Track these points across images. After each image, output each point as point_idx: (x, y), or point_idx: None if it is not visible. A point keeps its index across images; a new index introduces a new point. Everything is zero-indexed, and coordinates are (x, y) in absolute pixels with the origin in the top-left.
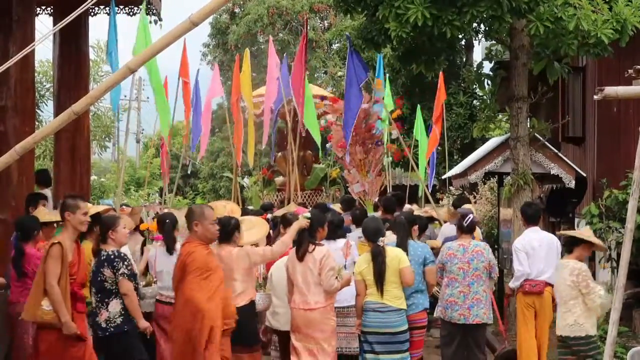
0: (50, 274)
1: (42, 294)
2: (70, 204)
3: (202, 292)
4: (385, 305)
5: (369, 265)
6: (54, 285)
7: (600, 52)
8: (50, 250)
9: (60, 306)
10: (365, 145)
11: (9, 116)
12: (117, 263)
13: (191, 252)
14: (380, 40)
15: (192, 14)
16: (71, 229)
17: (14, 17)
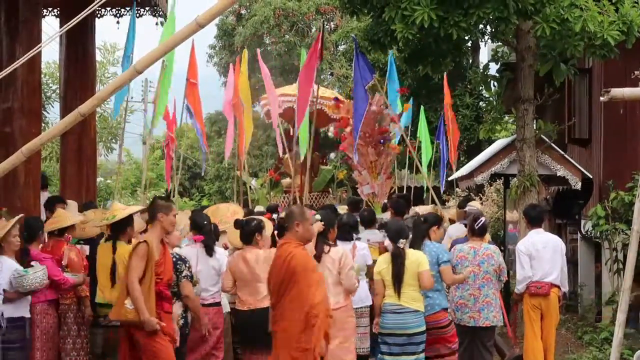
0: (133, 272)
1: (127, 292)
2: (163, 205)
3: (311, 292)
4: (402, 306)
5: (388, 266)
6: (135, 282)
7: (607, 54)
8: (137, 248)
9: (140, 303)
10: (377, 147)
11: (16, 117)
12: (180, 265)
13: (293, 254)
14: (387, 41)
15: (198, 15)
16: (160, 229)
17: (20, 19)
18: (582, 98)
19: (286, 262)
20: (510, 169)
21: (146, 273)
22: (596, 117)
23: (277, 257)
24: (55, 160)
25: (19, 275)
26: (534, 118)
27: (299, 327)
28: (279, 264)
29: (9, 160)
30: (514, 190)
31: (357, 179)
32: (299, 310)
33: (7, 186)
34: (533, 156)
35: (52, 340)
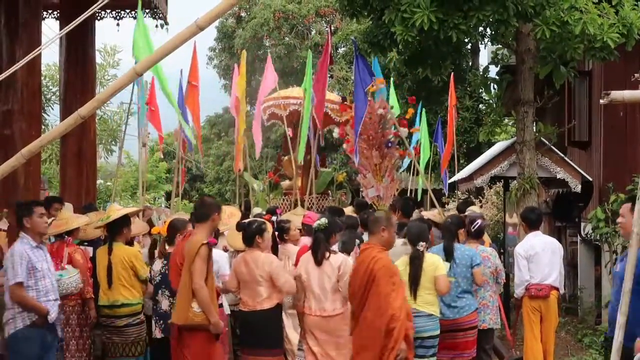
0: (199, 275)
1: (191, 295)
2: (216, 204)
3: (395, 298)
4: (417, 310)
5: (405, 268)
6: (203, 286)
7: (607, 56)
8: (200, 250)
9: (209, 306)
10: (382, 150)
11: (16, 120)
12: None
13: (377, 258)
14: (386, 44)
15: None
16: (212, 229)
17: (20, 21)
18: (582, 101)
19: (369, 267)
20: (510, 171)
21: (208, 275)
22: (596, 120)
23: (360, 262)
24: (55, 162)
25: (57, 279)
26: (534, 120)
27: (381, 332)
28: (362, 268)
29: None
30: (514, 192)
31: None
32: (381, 315)
33: (7, 188)
34: (533, 159)
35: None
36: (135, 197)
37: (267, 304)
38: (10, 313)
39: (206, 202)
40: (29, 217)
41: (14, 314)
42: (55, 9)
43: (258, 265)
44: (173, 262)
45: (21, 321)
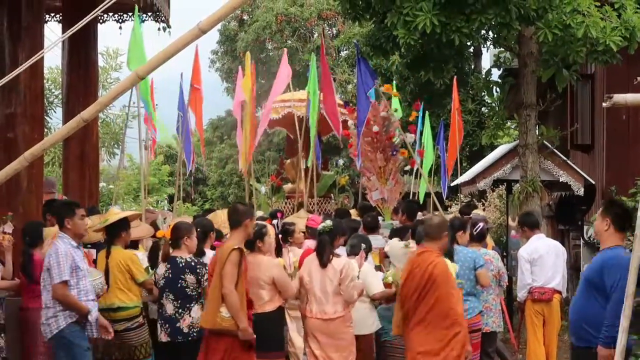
0: (229, 279)
1: (221, 300)
2: (248, 210)
3: (453, 301)
4: None
5: None
6: (233, 290)
7: (609, 60)
8: (231, 255)
9: (238, 312)
10: (386, 153)
11: (19, 123)
12: (201, 269)
13: (436, 262)
14: (389, 47)
15: (200, 21)
16: (246, 235)
17: (23, 25)
18: (585, 104)
19: (428, 271)
20: (513, 174)
21: (239, 280)
22: (599, 123)
23: (416, 265)
24: (58, 165)
25: None
26: (537, 124)
27: (439, 335)
28: (418, 271)
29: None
30: (517, 196)
31: (365, 185)
32: (443, 319)
33: (10, 192)
34: (535, 162)
35: None
36: (138, 200)
37: (268, 306)
38: (52, 312)
39: (238, 208)
40: (71, 218)
41: (56, 312)
42: (58, 12)
43: (261, 269)
44: (211, 268)
45: (64, 319)
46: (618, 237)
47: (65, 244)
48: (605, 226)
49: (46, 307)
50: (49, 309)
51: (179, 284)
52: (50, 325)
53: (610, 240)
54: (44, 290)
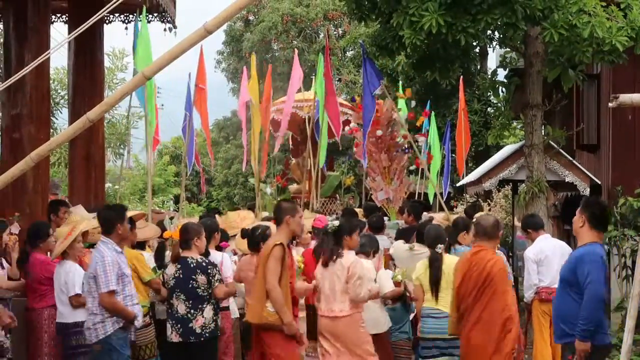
0: (272, 275)
1: (265, 295)
2: (289, 207)
3: (508, 299)
4: (440, 311)
5: (426, 271)
6: (276, 286)
7: (615, 60)
8: (273, 251)
9: (282, 307)
10: (390, 153)
11: (24, 123)
12: (211, 270)
13: (495, 260)
14: (395, 47)
15: (206, 21)
16: (288, 231)
17: (29, 25)
18: (591, 104)
19: (486, 269)
20: (519, 174)
21: (282, 276)
22: (605, 123)
23: (474, 264)
24: (64, 166)
25: None
26: (543, 124)
27: (496, 332)
28: (476, 270)
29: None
30: (523, 196)
31: (370, 185)
32: (499, 315)
33: (16, 192)
34: (541, 162)
35: (59, 345)
36: (143, 200)
37: None
38: (99, 317)
39: (281, 206)
40: (121, 224)
41: (104, 318)
42: (64, 13)
43: None
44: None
45: (111, 325)
46: (593, 234)
47: (110, 250)
48: (581, 223)
49: (92, 313)
50: (95, 315)
51: (190, 284)
52: (97, 330)
53: (586, 237)
54: (89, 296)
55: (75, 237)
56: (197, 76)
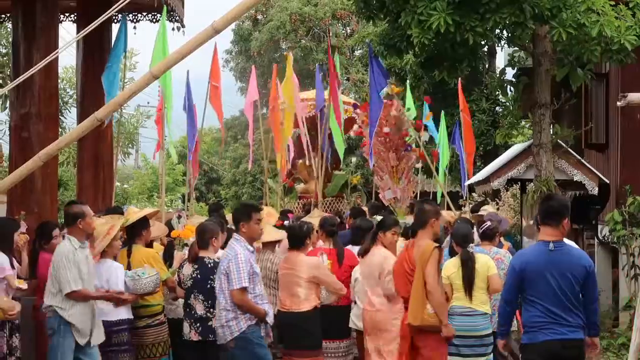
0: (432, 277)
1: (425, 297)
2: (433, 210)
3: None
4: (473, 309)
5: (458, 270)
6: (437, 288)
7: (624, 59)
8: (433, 253)
9: (443, 309)
10: (398, 152)
11: (33, 122)
12: None
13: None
14: (403, 46)
15: (214, 20)
16: (433, 234)
17: (37, 25)
18: (599, 103)
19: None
20: (527, 174)
21: (438, 277)
22: (613, 122)
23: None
24: (73, 165)
25: (138, 278)
26: (551, 123)
27: None
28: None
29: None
30: (531, 195)
31: (378, 184)
32: None
33: (24, 191)
34: (550, 161)
35: None
36: (152, 199)
37: (304, 305)
38: (231, 314)
39: (424, 209)
40: (247, 223)
41: (236, 315)
42: (73, 12)
43: (301, 267)
44: (399, 268)
45: (244, 322)
46: (546, 232)
47: (243, 248)
48: (535, 225)
49: (224, 309)
50: (228, 312)
51: (208, 284)
52: (230, 327)
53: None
54: (220, 293)
55: (114, 235)
56: (210, 74)
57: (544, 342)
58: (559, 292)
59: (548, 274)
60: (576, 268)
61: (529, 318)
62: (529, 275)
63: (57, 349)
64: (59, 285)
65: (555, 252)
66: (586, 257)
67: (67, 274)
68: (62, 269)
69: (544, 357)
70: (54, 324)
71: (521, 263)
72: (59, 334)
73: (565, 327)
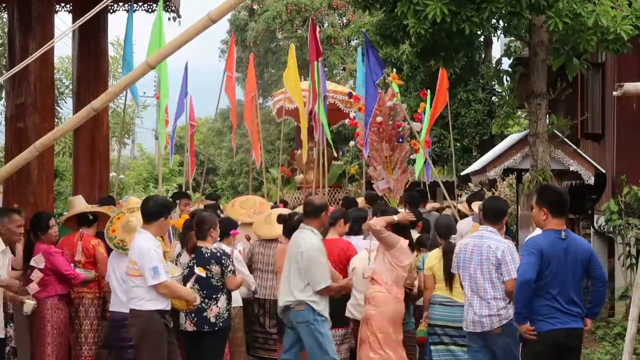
0: None
1: None
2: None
3: None
4: (452, 300)
5: (439, 262)
6: None
7: (620, 48)
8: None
9: None
10: (392, 143)
11: (29, 113)
12: (225, 260)
13: None
14: (399, 36)
15: (210, 10)
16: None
17: (33, 14)
18: (595, 93)
19: None
20: (523, 163)
21: None
22: (609, 112)
23: None
24: (69, 155)
25: None
26: (547, 113)
27: None
28: None
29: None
30: (527, 185)
31: (372, 174)
32: None
33: (20, 181)
34: (546, 151)
35: (63, 335)
36: (147, 190)
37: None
38: (502, 303)
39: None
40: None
41: (506, 304)
42: (68, 2)
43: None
44: None
45: (512, 310)
46: (555, 222)
47: None
48: (544, 216)
49: (494, 298)
50: (498, 300)
51: (205, 274)
52: (500, 315)
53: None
54: (488, 282)
55: None
56: (226, 65)
57: (549, 331)
58: (568, 280)
59: (561, 262)
60: (584, 254)
61: (536, 307)
62: (544, 261)
63: None
64: None
65: (567, 240)
66: (587, 243)
67: None
68: None
69: (549, 346)
70: None
71: (541, 247)
72: None
73: (569, 316)
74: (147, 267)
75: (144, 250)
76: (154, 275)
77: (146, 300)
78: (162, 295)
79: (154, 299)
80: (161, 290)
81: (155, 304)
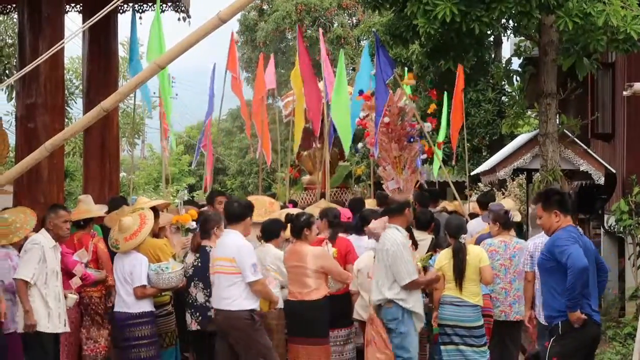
0: None
1: None
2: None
3: None
4: (463, 300)
5: (449, 261)
6: None
7: (630, 48)
8: None
9: None
10: (401, 142)
11: (39, 113)
12: None
13: None
14: (409, 36)
15: (220, 10)
16: None
17: (43, 15)
18: (605, 92)
19: None
20: (533, 163)
21: None
22: (619, 112)
23: None
24: (79, 155)
25: (162, 272)
26: (557, 113)
27: None
28: None
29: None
30: (537, 185)
31: (381, 175)
32: None
33: (30, 181)
34: (556, 151)
35: (74, 334)
36: (158, 190)
37: (315, 294)
38: None
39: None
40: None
41: None
42: (78, 2)
43: (307, 258)
44: None
45: None
46: (568, 220)
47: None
48: (556, 217)
49: None
50: None
51: (208, 273)
52: None
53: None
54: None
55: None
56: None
57: (596, 322)
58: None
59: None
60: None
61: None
62: None
63: None
64: None
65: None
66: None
67: None
68: None
69: (587, 342)
70: None
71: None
72: None
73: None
74: (248, 263)
75: (243, 247)
76: (254, 271)
77: (243, 299)
78: (256, 292)
79: (250, 298)
80: (258, 286)
81: (251, 302)
